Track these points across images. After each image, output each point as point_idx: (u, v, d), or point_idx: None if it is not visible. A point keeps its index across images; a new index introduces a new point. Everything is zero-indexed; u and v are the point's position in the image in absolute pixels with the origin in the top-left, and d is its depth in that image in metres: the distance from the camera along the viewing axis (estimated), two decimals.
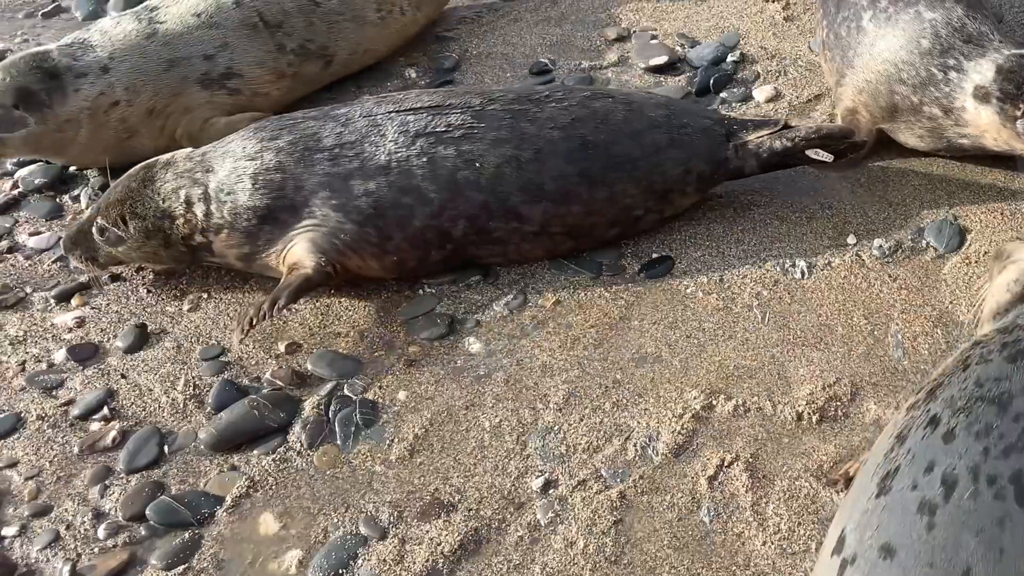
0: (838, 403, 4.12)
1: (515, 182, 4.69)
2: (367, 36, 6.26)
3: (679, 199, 4.97)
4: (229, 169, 4.78)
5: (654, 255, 4.92)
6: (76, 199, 5.65)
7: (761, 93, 5.90)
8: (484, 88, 5.64)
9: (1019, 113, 4.67)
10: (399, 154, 4.67)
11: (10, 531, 4.02)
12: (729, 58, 6.22)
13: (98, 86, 5.54)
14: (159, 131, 5.73)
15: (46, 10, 7.31)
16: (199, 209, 4.76)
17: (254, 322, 4.48)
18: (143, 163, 4.99)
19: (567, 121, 4.81)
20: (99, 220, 4.86)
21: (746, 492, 3.87)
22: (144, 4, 5.98)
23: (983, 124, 4.82)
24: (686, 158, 4.89)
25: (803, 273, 4.72)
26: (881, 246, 4.81)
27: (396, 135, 4.71)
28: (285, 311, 4.59)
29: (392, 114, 4.80)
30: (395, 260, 4.74)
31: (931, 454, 3.13)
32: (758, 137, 4.97)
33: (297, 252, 4.69)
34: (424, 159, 4.67)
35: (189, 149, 5.07)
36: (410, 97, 4.94)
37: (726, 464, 3.96)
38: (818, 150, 4.89)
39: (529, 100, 4.90)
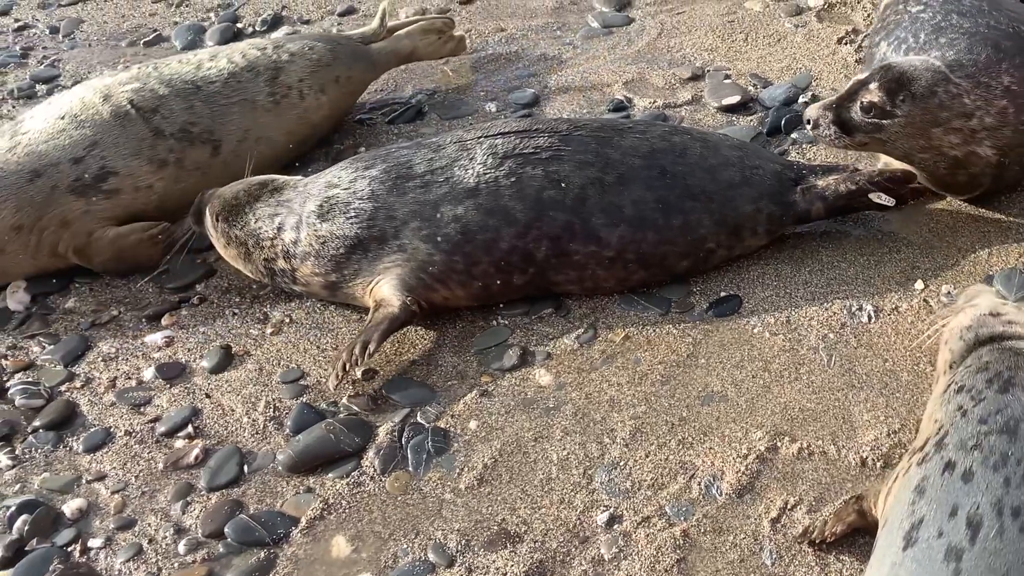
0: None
1: (597, 204, 4.67)
2: (259, 122, 5.64)
3: (749, 238, 4.89)
4: (324, 197, 4.80)
5: (722, 293, 4.83)
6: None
7: None
8: (569, 118, 5.62)
9: None
10: (487, 176, 4.67)
11: (96, 543, 4.05)
12: (801, 99, 6.10)
13: None
14: (34, 248, 5.18)
15: (147, 39, 7.42)
16: (288, 236, 4.79)
17: (347, 367, 4.47)
18: (266, 176, 5.07)
19: (647, 151, 4.81)
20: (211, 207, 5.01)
21: None
22: (13, 120, 5.56)
23: None
24: (757, 196, 4.82)
25: (870, 317, 4.60)
26: (949, 292, 4.66)
27: (485, 157, 4.72)
28: (376, 354, 4.56)
29: (481, 139, 4.81)
30: (481, 286, 4.71)
31: (953, 498, 3.06)
32: (825, 182, 4.90)
33: (384, 290, 4.68)
34: (512, 179, 4.66)
35: (298, 177, 5.04)
36: (498, 124, 4.99)
37: (789, 507, 3.85)
38: (881, 194, 4.79)
39: (613, 129, 4.92)
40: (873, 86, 4.66)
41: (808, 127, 4.80)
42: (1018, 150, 4.84)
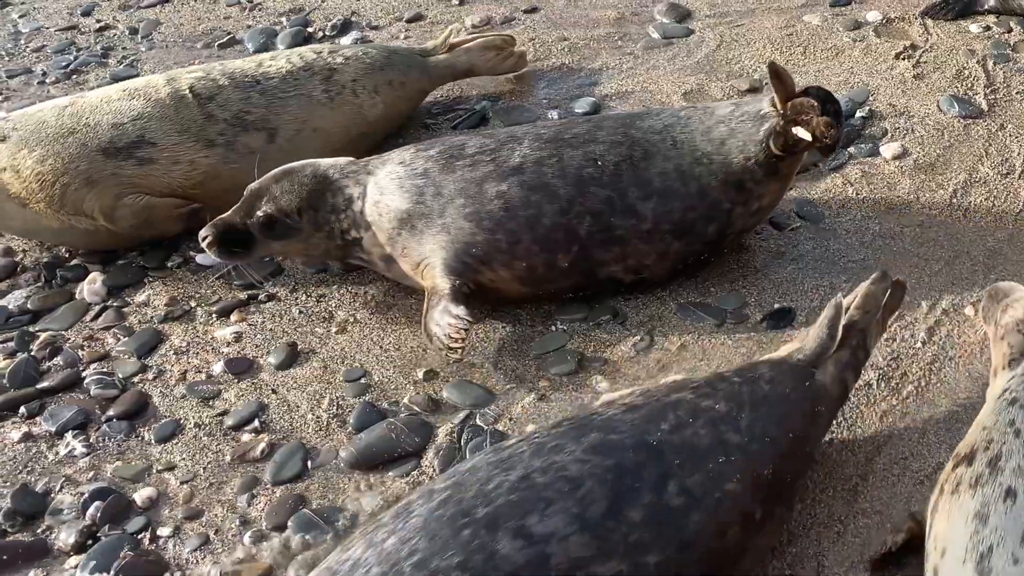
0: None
1: (632, 179, 4.72)
2: (316, 114, 5.71)
3: (754, 187, 4.85)
4: (386, 172, 4.88)
5: (776, 306, 4.77)
6: None
7: (888, 150, 5.69)
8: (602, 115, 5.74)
9: None
10: (532, 156, 4.76)
11: (165, 531, 4.05)
12: (858, 114, 6.01)
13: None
14: (58, 202, 5.20)
15: (221, 42, 7.45)
16: (357, 205, 4.85)
17: (449, 355, 4.56)
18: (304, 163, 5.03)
19: (661, 127, 4.90)
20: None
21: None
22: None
23: None
24: (743, 146, 4.79)
25: (923, 342, 4.50)
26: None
27: (531, 141, 4.83)
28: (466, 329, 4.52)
29: (529, 128, 5.00)
30: (524, 266, 4.70)
31: (1021, 525, 2.94)
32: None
33: (432, 275, 4.70)
34: (554, 159, 4.75)
35: (350, 159, 5.07)
36: (544, 120, 5.16)
37: None
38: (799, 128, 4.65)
39: (635, 115, 5.08)
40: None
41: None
42: None
